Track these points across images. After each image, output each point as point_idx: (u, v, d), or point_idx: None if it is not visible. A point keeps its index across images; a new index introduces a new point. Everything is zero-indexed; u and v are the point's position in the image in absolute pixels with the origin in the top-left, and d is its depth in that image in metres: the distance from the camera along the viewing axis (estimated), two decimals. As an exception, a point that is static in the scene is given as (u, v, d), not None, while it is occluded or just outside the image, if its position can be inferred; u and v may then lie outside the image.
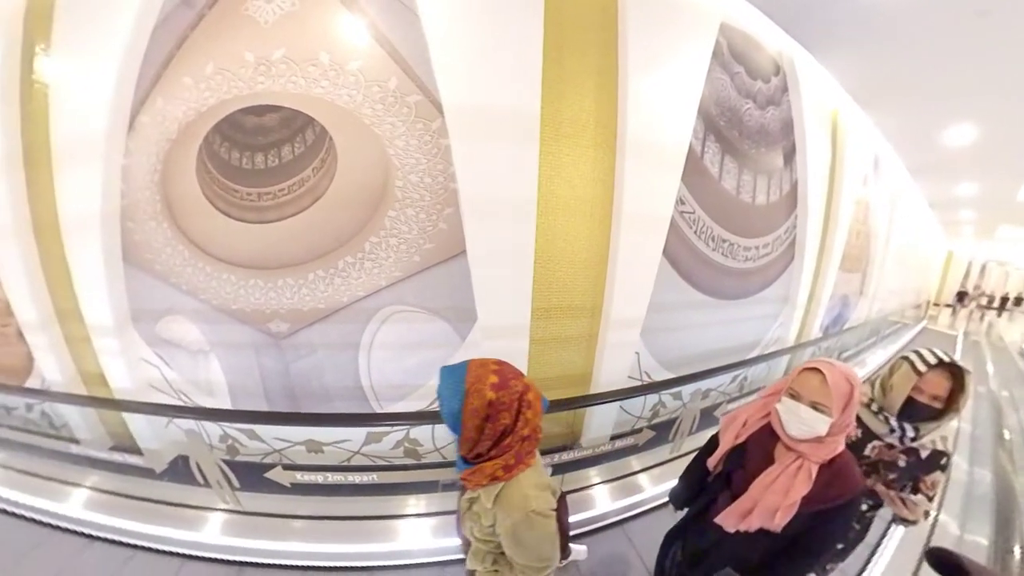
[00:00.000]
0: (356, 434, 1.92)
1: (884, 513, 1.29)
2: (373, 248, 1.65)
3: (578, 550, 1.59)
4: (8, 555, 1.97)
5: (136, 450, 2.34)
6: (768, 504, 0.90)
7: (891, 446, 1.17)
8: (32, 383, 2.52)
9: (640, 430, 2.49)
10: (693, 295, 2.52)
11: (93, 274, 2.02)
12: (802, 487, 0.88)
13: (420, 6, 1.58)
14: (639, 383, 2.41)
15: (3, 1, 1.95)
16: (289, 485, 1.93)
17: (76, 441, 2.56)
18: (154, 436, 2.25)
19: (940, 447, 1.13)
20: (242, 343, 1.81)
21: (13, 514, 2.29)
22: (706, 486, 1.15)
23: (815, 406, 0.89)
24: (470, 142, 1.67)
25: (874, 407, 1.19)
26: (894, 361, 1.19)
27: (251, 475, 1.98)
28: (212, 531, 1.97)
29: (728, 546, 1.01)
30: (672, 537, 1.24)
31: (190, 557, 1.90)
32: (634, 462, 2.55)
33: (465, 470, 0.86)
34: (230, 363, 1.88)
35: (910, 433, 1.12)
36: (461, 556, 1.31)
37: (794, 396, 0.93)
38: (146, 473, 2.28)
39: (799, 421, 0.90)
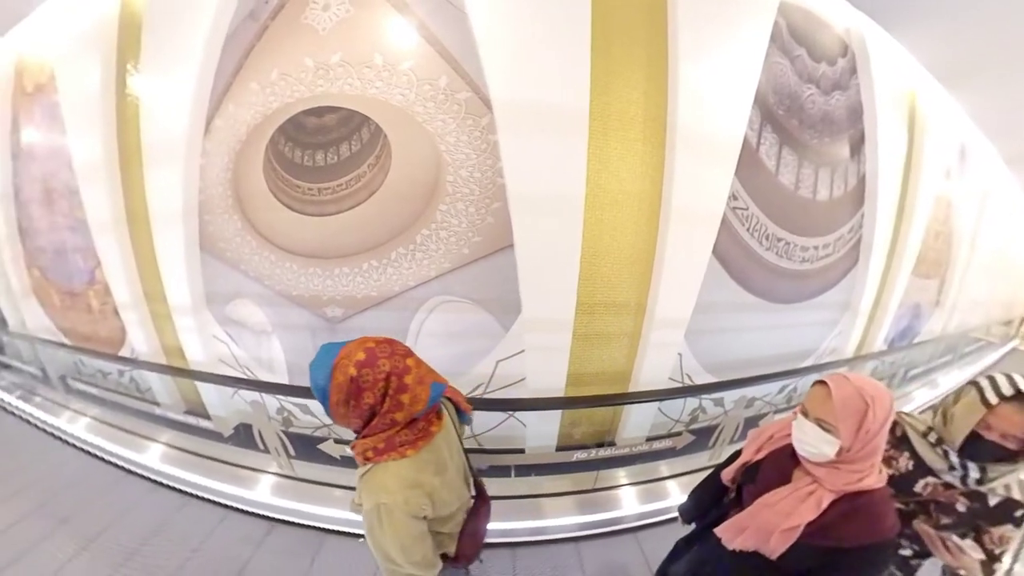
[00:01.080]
0: None
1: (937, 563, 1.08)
2: (424, 240, 1.72)
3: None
4: (93, 489, 2.55)
5: (205, 415, 2.64)
6: (765, 523, 0.81)
7: (949, 485, 1.00)
8: (124, 352, 2.90)
9: (679, 433, 2.43)
10: (743, 296, 2.40)
11: (175, 261, 2.27)
12: (807, 513, 0.77)
13: (468, 4, 1.61)
14: (679, 385, 2.34)
15: (100, 30, 2.24)
16: (339, 457, 2.09)
17: (157, 404, 2.93)
18: (221, 404, 2.51)
19: (1017, 495, 0.94)
20: (300, 325, 1.96)
21: (101, 458, 2.92)
22: (720, 501, 1.08)
23: (820, 424, 0.79)
24: (518, 137, 1.68)
25: (932, 438, 1.02)
26: (962, 386, 1.01)
27: (305, 445, 2.15)
28: (263, 490, 2.24)
29: (726, 564, 0.92)
30: (680, 548, 1.17)
31: (235, 510, 2.19)
32: (664, 467, 2.49)
33: (353, 441, 0.83)
34: (289, 343, 2.04)
35: (974, 474, 0.94)
36: (497, 540, 1.35)
37: (804, 412, 0.83)
38: (213, 436, 2.59)
39: (802, 440, 0.82)
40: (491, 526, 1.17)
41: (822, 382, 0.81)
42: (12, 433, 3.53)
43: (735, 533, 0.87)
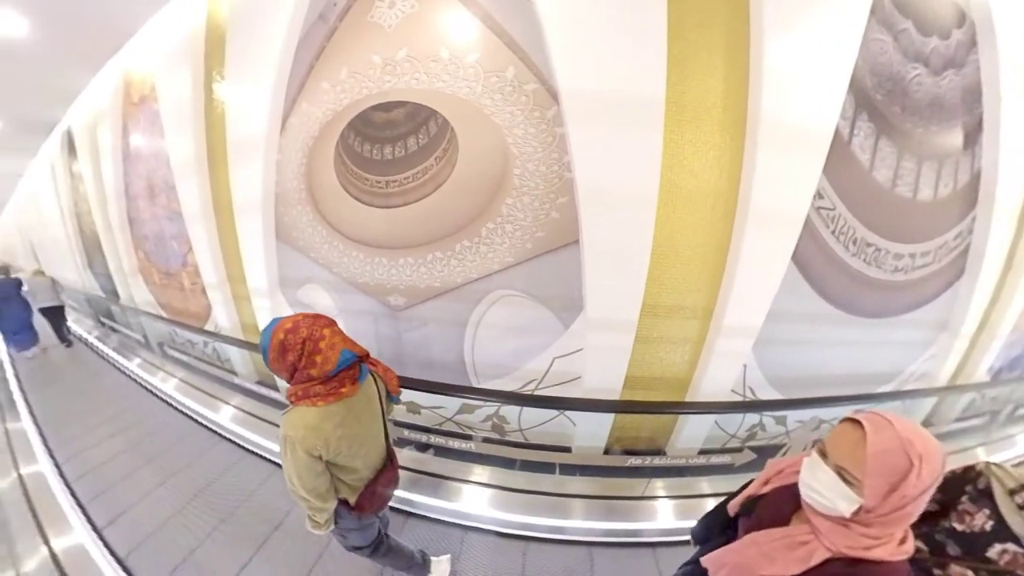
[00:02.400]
0: (451, 403, 2.02)
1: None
2: (489, 234, 1.67)
3: (439, 560, 1.62)
4: (173, 436, 2.96)
5: (275, 387, 2.83)
6: (746, 563, 0.71)
7: None
8: (209, 327, 3.18)
9: (740, 450, 2.21)
10: (821, 307, 2.12)
11: (254, 248, 2.43)
12: (792, 566, 0.65)
13: (534, -8, 1.51)
14: (741, 399, 2.12)
15: (190, 44, 2.41)
16: (395, 439, 2.10)
17: (234, 373, 3.20)
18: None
19: None
20: (364, 311, 2.01)
21: (183, 412, 3.32)
22: (727, 529, 0.97)
23: (841, 472, 0.62)
24: (588, 129, 1.57)
25: (1019, 499, 0.85)
26: None
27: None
28: None
29: None
30: (681, 571, 1.08)
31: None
32: (705, 484, 2.24)
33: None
34: (352, 327, 2.09)
35: None
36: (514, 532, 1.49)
37: (823, 453, 0.67)
38: (278, 405, 2.78)
39: (811, 486, 0.66)
40: (510, 518, 1.49)
41: (855, 421, 0.63)
42: (116, 384, 4.15)
43: (718, 566, 0.79)
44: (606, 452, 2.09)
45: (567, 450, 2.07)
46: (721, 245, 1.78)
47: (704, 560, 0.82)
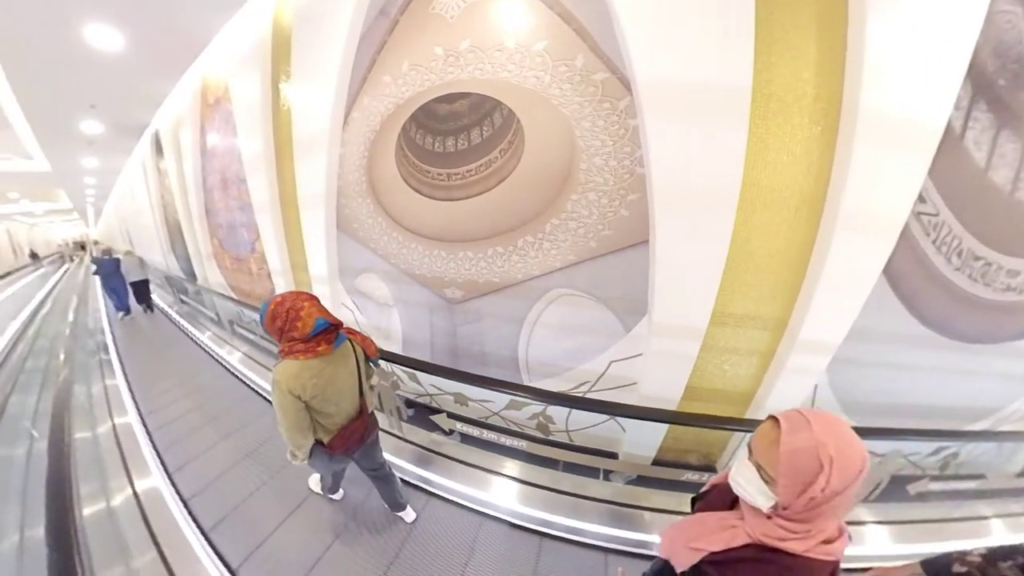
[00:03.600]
0: (500, 397, 1.94)
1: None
2: (553, 230, 1.57)
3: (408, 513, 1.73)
4: (234, 400, 3.05)
5: None
6: (684, 536, 0.76)
7: None
8: None
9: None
10: (912, 327, 1.83)
11: (316, 238, 2.48)
12: (715, 543, 0.70)
13: (606, -26, 1.37)
14: None
15: (259, 48, 2.47)
16: (448, 431, 2.08)
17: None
18: None
19: None
20: (420, 303, 1.98)
21: (243, 381, 3.46)
22: None
23: (760, 470, 0.65)
24: (664, 121, 1.42)
25: None
26: None
27: (419, 413, 2.21)
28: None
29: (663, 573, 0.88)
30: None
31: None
32: None
33: None
34: (407, 317, 2.08)
35: None
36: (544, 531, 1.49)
37: (750, 449, 0.69)
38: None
39: (736, 480, 0.69)
40: (533, 513, 1.58)
41: (775, 419, 0.65)
42: (189, 352, 4.53)
43: (668, 540, 0.83)
44: (655, 463, 1.94)
45: (613, 456, 1.95)
46: (803, 251, 1.57)
47: (661, 533, 0.87)
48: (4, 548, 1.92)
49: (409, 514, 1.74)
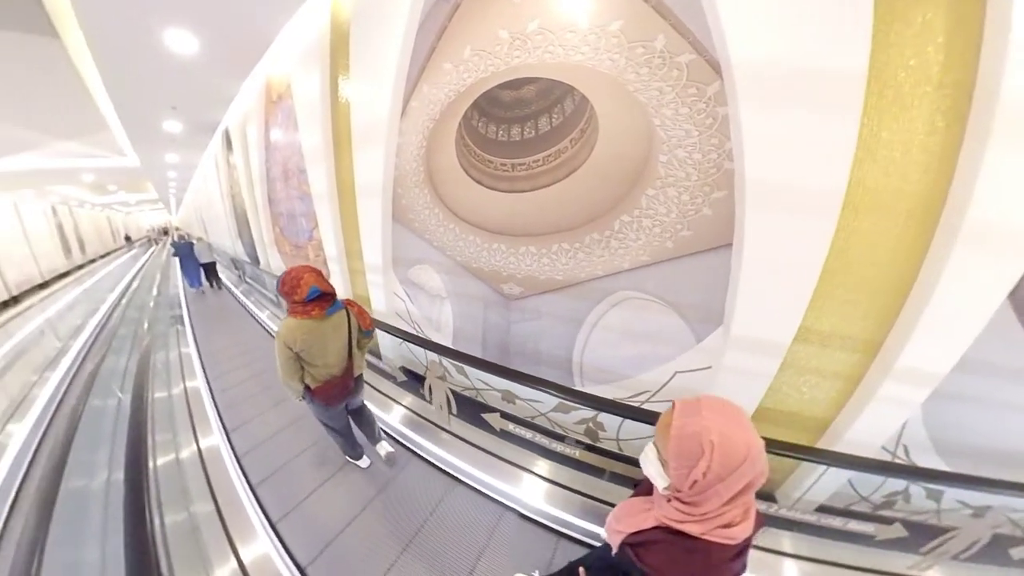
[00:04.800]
0: (548, 398, 1.82)
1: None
2: (623, 228, 1.42)
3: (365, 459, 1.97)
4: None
5: (377, 354, 2.92)
6: (611, 519, 0.80)
7: None
8: None
9: (890, 521, 1.69)
10: (1039, 360, 1.51)
11: (372, 227, 2.47)
12: (630, 526, 0.72)
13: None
14: (891, 459, 1.61)
15: (318, 45, 2.47)
16: (499, 430, 1.99)
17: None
18: (392, 348, 2.75)
19: None
20: (475, 296, 1.91)
21: None
22: None
23: (658, 451, 0.67)
24: (760, 110, 1.23)
25: None
26: None
27: (469, 408, 2.12)
28: (395, 417, 2.41)
29: (606, 558, 0.87)
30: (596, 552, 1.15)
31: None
32: (819, 546, 1.73)
33: None
34: (460, 310, 2.01)
35: None
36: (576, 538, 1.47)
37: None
38: (386, 376, 2.81)
39: (643, 462, 0.71)
40: (557, 513, 1.63)
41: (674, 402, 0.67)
42: (249, 327, 4.85)
43: (607, 523, 0.85)
44: None
45: (664, 472, 1.78)
46: (911, 265, 1.32)
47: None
48: (93, 485, 2.20)
49: (383, 447, 2.00)
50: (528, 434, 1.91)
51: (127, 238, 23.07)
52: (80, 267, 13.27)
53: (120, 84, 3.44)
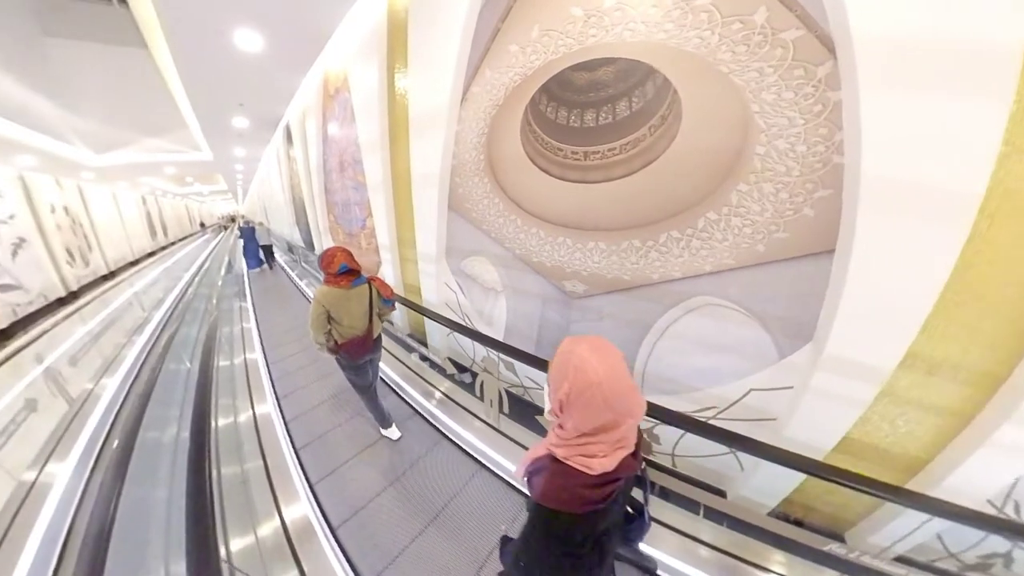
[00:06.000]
0: None
1: None
2: (708, 226, 1.28)
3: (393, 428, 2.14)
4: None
5: (423, 342, 2.96)
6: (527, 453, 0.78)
7: None
8: None
9: (998, 579, 1.42)
10: None
11: (427, 216, 2.44)
12: (531, 455, 0.74)
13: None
14: (997, 514, 1.34)
15: (375, 37, 2.44)
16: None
17: (391, 322, 3.48)
18: (439, 338, 2.75)
19: None
20: (532, 292, 1.83)
21: None
22: None
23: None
24: (883, 95, 1.04)
25: None
26: None
27: (522, 410, 2.03)
28: (434, 406, 2.37)
29: None
30: None
31: (416, 411, 2.45)
32: None
33: None
34: (515, 306, 1.95)
35: None
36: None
37: None
38: (437, 368, 2.83)
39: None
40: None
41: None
42: (302, 306, 5.09)
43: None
44: (772, 514, 1.56)
45: (721, 494, 1.61)
46: (1061, 287, 1.09)
47: None
48: (165, 438, 2.46)
49: (394, 432, 2.15)
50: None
51: (201, 224, 25.82)
52: (163, 248, 15.00)
53: (196, 85, 3.70)
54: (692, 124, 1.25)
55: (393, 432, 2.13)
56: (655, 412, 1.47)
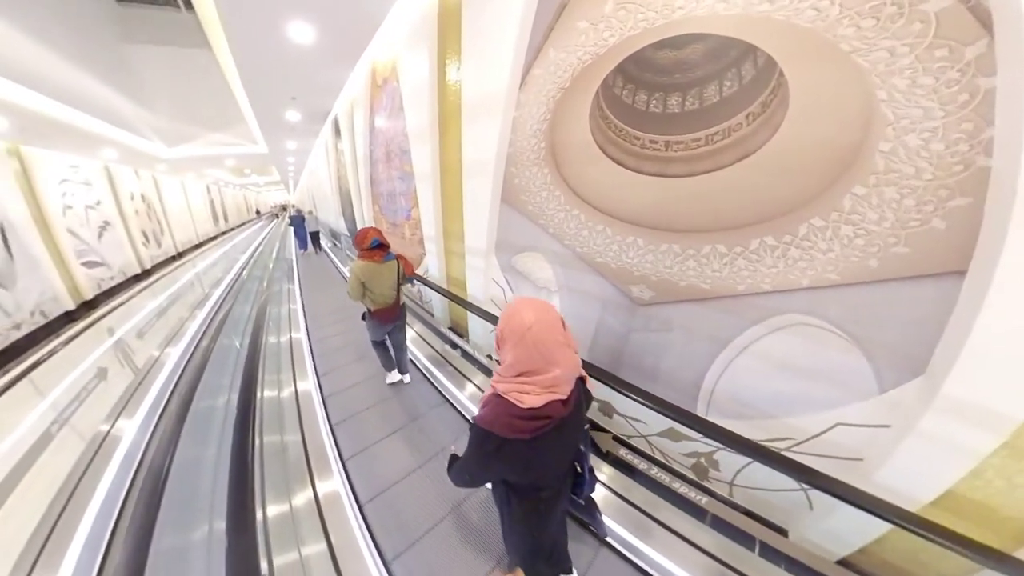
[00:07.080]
0: (655, 419, 1.58)
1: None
2: (810, 234, 1.12)
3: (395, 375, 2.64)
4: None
5: (463, 335, 2.95)
6: None
7: None
8: (419, 271, 3.54)
9: None
10: None
11: (478, 208, 2.36)
12: (485, 395, 0.87)
13: None
14: None
15: (425, 21, 2.36)
16: (604, 451, 1.78)
17: (431, 313, 3.52)
18: (481, 334, 2.74)
19: None
20: (591, 294, 1.70)
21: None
22: None
23: None
24: None
25: None
26: None
27: None
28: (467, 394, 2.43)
29: None
30: None
31: (447, 401, 2.51)
32: None
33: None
34: (571, 308, 1.83)
35: None
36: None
37: None
38: (470, 359, 2.83)
39: None
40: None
41: None
42: (345, 292, 5.48)
43: None
44: (841, 563, 1.39)
45: (782, 532, 1.46)
46: None
47: None
48: (218, 403, 2.69)
49: (407, 377, 2.63)
50: (621, 451, 1.70)
51: (257, 212, 28.32)
52: (223, 233, 16.59)
53: (253, 80, 3.84)
54: (801, 113, 1.08)
55: (394, 376, 2.57)
56: (721, 436, 1.34)
